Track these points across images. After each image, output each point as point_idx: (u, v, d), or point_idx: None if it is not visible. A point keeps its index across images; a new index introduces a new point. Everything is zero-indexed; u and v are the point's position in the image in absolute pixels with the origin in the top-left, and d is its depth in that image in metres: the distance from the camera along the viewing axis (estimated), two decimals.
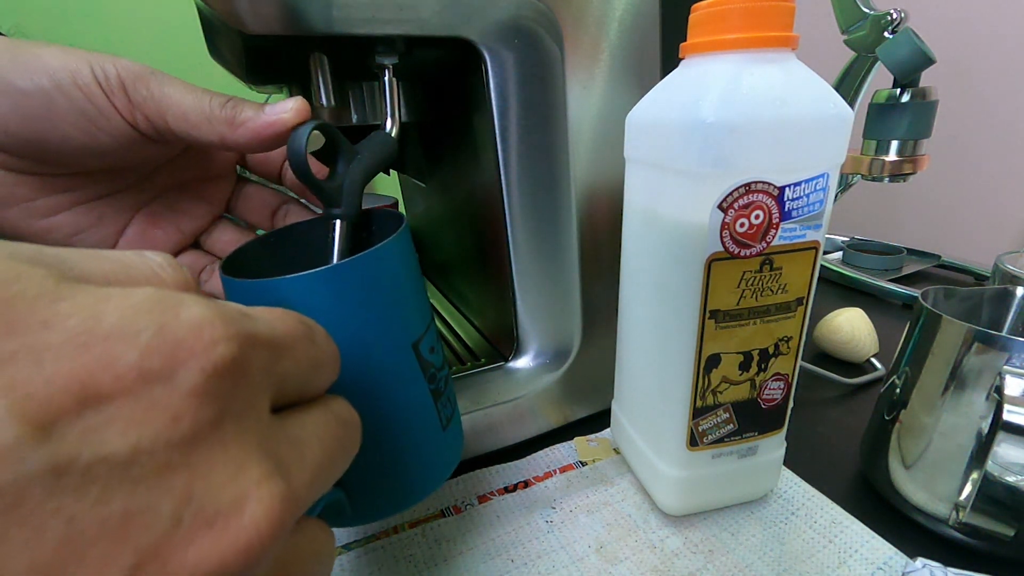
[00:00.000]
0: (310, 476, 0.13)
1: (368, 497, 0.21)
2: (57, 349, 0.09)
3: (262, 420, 0.12)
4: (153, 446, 0.10)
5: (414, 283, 0.22)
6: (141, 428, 0.10)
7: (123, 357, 0.10)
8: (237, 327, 0.11)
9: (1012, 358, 0.23)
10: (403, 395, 0.21)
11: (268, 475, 0.11)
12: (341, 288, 0.18)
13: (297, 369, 0.14)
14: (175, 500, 0.10)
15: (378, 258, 0.19)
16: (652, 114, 0.24)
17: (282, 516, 0.11)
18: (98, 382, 0.09)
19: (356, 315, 0.19)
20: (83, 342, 0.09)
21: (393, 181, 0.62)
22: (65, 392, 0.09)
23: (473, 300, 0.44)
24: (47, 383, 0.09)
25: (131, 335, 0.10)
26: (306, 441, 0.13)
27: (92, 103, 0.20)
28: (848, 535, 0.27)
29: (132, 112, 0.21)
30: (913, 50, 0.44)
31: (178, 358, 0.10)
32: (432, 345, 0.22)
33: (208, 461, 0.10)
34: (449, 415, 0.24)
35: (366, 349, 0.19)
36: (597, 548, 0.27)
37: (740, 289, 0.23)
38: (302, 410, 0.14)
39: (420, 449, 0.22)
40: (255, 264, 0.22)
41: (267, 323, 0.13)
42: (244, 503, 0.11)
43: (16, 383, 0.09)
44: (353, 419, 0.16)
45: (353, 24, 0.24)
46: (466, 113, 0.33)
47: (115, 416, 0.09)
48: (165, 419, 0.10)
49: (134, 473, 0.09)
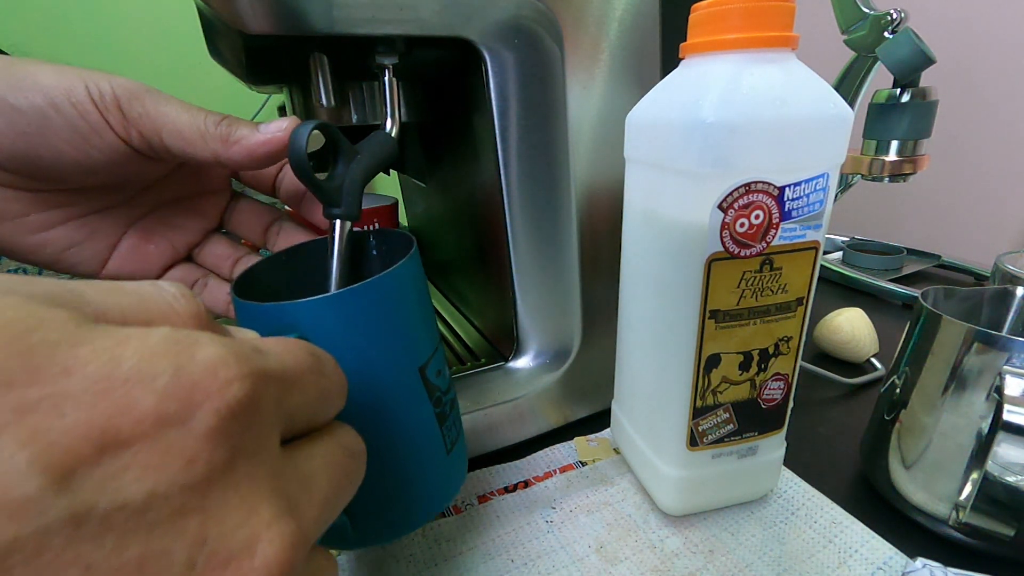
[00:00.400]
0: (318, 511, 0.13)
1: (371, 522, 0.21)
2: (77, 397, 0.09)
3: (273, 457, 0.12)
4: (168, 491, 0.10)
5: (423, 307, 0.22)
6: (157, 473, 0.10)
7: (141, 402, 0.10)
8: (250, 366, 0.11)
9: (1012, 358, 0.23)
10: (408, 419, 0.21)
11: (279, 515, 0.11)
12: (351, 312, 0.19)
13: (306, 401, 0.14)
14: (189, 544, 0.10)
15: (388, 283, 0.19)
16: (652, 114, 0.24)
17: (292, 556, 0.11)
18: (117, 428, 0.09)
19: (364, 339, 0.19)
20: (103, 388, 0.09)
21: (393, 181, 0.62)
22: (85, 440, 0.09)
23: (473, 300, 0.44)
24: (68, 432, 0.09)
25: (148, 379, 0.10)
26: (314, 475, 0.14)
27: (85, 120, 0.20)
28: (848, 535, 0.27)
29: (127, 129, 0.21)
30: (913, 50, 0.44)
31: (194, 400, 0.10)
32: (439, 369, 0.22)
33: (221, 503, 0.11)
34: (454, 439, 0.24)
35: (373, 372, 0.20)
36: (597, 548, 0.27)
37: (740, 289, 0.23)
38: (310, 441, 0.14)
39: (424, 473, 0.22)
40: (266, 283, 0.22)
41: (278, 357, 0.13)
42: (256, 545, 0.11)
43: (38, 433, 0.09)
44: (359, 448, 0.16)
45: (353, 24, 0.24)
46: (466, 113, 0.33)
47: (132, 462, 0.09)
48: (180, 463, 0.10)
49: (149, 518, 0.10)
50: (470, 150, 0.34)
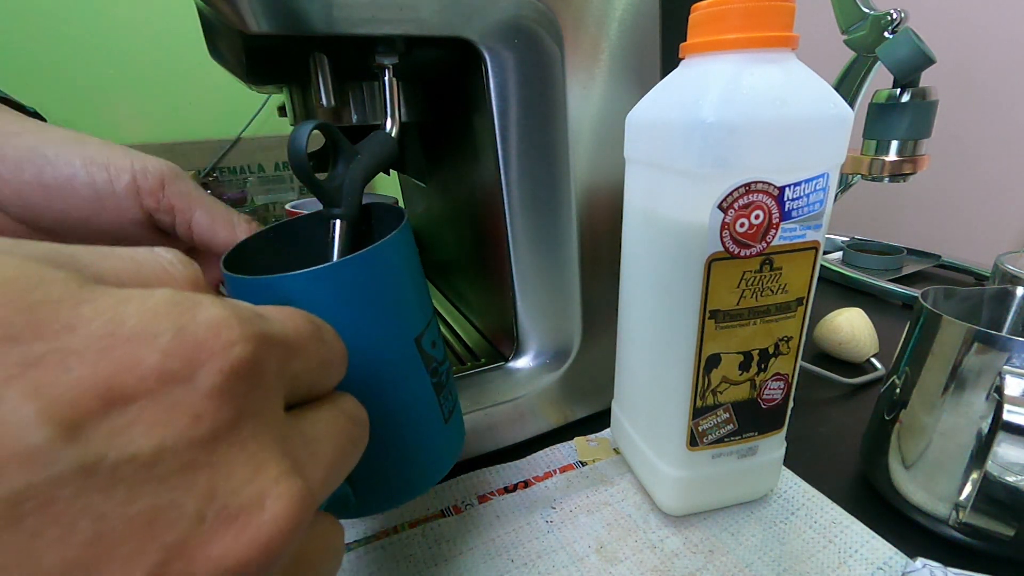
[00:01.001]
0: (324, 473, 0.13)
1: (372, 490, 0.22)
2: (81, 352, 0.09)
3: (278, 419, 0.12)
4: (176, 445, 0.10)
5: (415, 278, 0.22)
6: (164, 428, 0.10)
7: (145, 359, 0.10)
8: (252, 328, 0.11)
9: (1012, 358, 0.23)
10: (406, 389, 0.21)
11: (286, 473, 0.11)
12: (344, 285, 0.19)
13: (308, 368, 0.14)
14: (198, 498, 0.10)
15: (380, 254, 0.19)
16: (652, 114, 0.24)
17: (300, 512, 0.11)
18: (122, 384, 0.09)
19: (359, 311, 0.19)
20: (106, 345, 0.10)
21: (393, 181, 0.62)
22: (91, 394, 0.09)
23: (473, 300, 0.44)
24: (74, 386, 0.09)
25: (151, 337, 0.10)
26: (319, 439, 0.14)
27: (112, 187, 0.22)
28: (848, 535, 0.27)
29: (158, 203, 0.23)
30: (913, 50, 0.44)
31: (197, 359, 0.10)
32: (434, 339, 0.22)
33: (229, 459, 0.11)
34: (451, 408, 0.24)
35: (369, 344, 0.20)
36: (597, 548, 0.27)
37: (740, 289, 0.23)
38: (313, 408, 0.14)
39: (423, 442, 0.23)
40: (256, 259, 0.22)
41: (279, 323, 0.13)
42: (264, 500, 0.11)
43: (44, 386, 0.09)
44: (362, 416, 0.16)
45: (353, 24, 0.24)
46: (466, 113, 0.33)
47: (139, 417, 0.10)
48: (187, 419, 0.10)
49: (159, 472, 0.10)
50: (470, 150, 0.34)
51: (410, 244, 0.22)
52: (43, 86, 0.71)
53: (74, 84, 0.73)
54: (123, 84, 0.75)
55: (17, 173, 0.21)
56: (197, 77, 0.76)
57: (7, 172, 0.21)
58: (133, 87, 0.76)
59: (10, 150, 0.21)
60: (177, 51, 0.75)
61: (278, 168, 0.85)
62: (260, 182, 0.84)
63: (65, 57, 0.72)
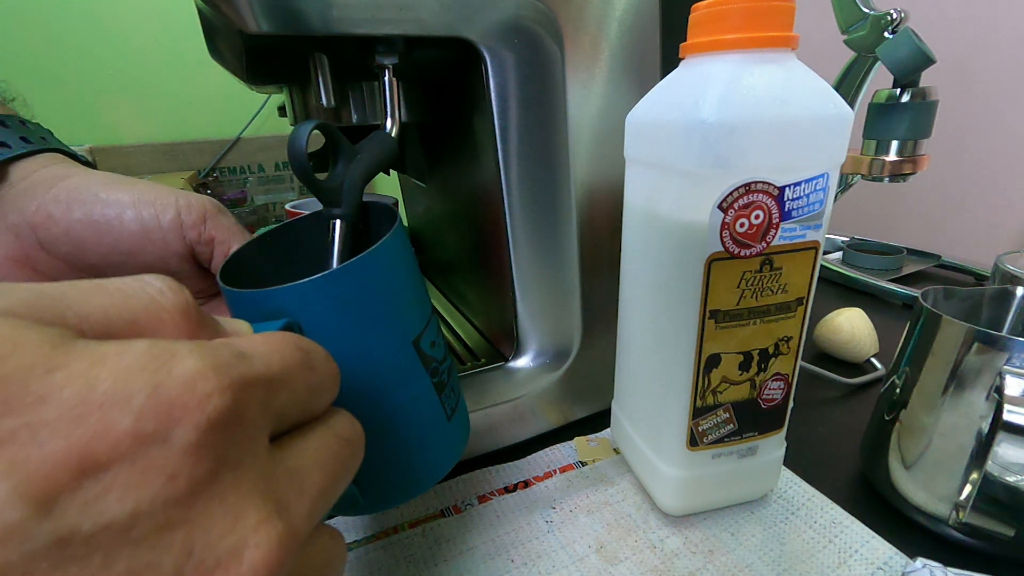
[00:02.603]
0: (310, 505, 0.13)
1: (379, 489, 0.22)
2: (53, 424, 0.09)
3: (260, 461, 0.12)
4: (151, 507, 0.10)
5: (411, 280, 0.22)
6: (139, 491, 0.10)
7: (118, 424, 0.10)
8: (231, 375, 0.11)
9: (1012, 358, 0.23)
10: (407, 391, 0.21)
11: (266, 518, 0.12)
12: (339, 293, 0.18)
13: (295, 398, 0.14)
14: (175, 556, 0.10)
15: (375, 260, 0.19)
16: (652, 114, 0.24)
17: (280, 556, 0.12)
18: (95, 452, 0.10)
19: (355, 318, 0.19)
20: (79, 414, 0.10)
21: (393, 181, 0.62)
22: (64, 467, 0.09)
23: (473, 300, 0.44)
24: (46, 460, 0.09)
25: (124, 399, 0.10)
26: (306, 469, 0.14)
27: (159, 222, 0.23)
28: (848, 535, 0.27)
29: (199, 235, 0.24)
30: (913, 50, 0.44)
31: (172, 417, 0.10)
32: (433, 339, 0.22)
33: (207, 514, 0.11)
34: (454, 405, 0.24)
35: (367, 350, 0.20)
36: (597, 548, 0.27)
37: (740, 289, 0.23)
38: (302, 434, 0.15)
39: (427, 441, 0.23)
40: (254, 266, 0.22)
41: (263, 359, 0.13)
42: (243, 550, 0.11)
43: (17, 463, 0.09)
44: (355, 434, 0.16)
45: (353, 24, 0.24)
46: (466, 113, 0.33)
47: (113, 483, 0.10)
48: (162, 479, 0.10)
49: (135, 535, 0.10)
50: (470, 150, 0.34)
51: (404, 246, 0.22)
52: (43, 86, 0.71)
53: (74, 84, 0.73)
54: (123, 84, 0.75)
55: (68, 212, 0.22)
56: (197, 77, 0.76)
57: (59, 212, 0.22)
58: (133, 87, 0.76)
59: (63, 192, 0.22)
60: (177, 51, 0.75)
61: (278, 168, 0.85)
62: (260, 182, 0.84)
63: (65, 57, 0.72)
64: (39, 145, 0.24)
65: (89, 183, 0.23)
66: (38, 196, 0.22)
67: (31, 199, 0.22)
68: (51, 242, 0.23)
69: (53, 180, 0.23)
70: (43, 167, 0.23)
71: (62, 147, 0.25)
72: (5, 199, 0.22)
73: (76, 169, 0.24)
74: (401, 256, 0.21)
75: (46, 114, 0.27)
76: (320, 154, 0.30)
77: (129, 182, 0.24)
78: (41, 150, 0.24)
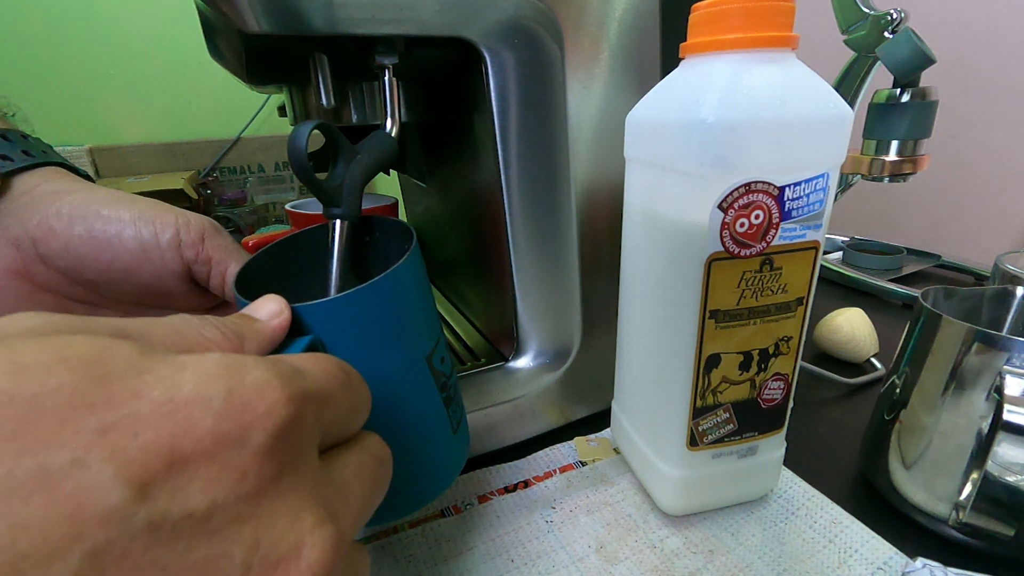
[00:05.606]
0: (354, 515, 0.15)
1: (387, 503, 0.22)
2: (147, 418, 0.11)
3: (313, 469, 0.13)
4: (227, 501, 0.11)
5: (426, 299, 0.22)
6: (216, 485, 0.11)
7: (201, 422, 0.11)
8: (293, 387, 0.13)
9: (1012, 358, 0.23)
10: (418, 406, 0.22)
11: (321, 521, 0.13)
12: (362, 311, 0.19)
13: (339, 415, 0.15)
14: (245, 548, 0.11)
15: (397, 279, 0.20)
16: (652, 114, 0.24)
17: (333, 557, 0.13)
18: (182, 446, 0.11)
19: (375, 336, 0.19)
20: (168, 411, 0.11)
21: (393, 181, 0.62)
22: (157, 456, 0.10)
23: (473, 300, 0.44)
24: (143, 449, 0.10)
25: (205, 401, 0.11)
26: (349, 483, 0.15)
27: (157, 240, 0.23)
28: (848, 535, 0.27)
29: (197, 255, 0.24)
30: (913, 50, 0.44)
31: (246, 420, 0.12)
32: (443, 355, 0.23)
33: (271, 512, 0.12)
34: (459, 419, 0.24)
35: (386, 367, 0.20)
36: (597, 548, 0.27)
37: (740, 289, 0.23)
38: (343, 452, 0.15)
39: (435, 454, 0.23)
40: (267, 277, 0.23)
41: (314, 377, 0.14)
42: (302, 548, 0.12)
43: (119, 450, 0.10)
44: (386, 455, 0.17)
45: (353, 24, 0.24)
46: (466, 113, 0.33)
47: (195, 475, 0.11)
48: (235, 476, 0.11)
49: (212, 525, 0.11)
50: (470, 150, 0.34)
51: (420, 264, 0.22)
52: (43, 86, 0.71)
53: (74, 84, 0.73)
54: (123, 84, 0.75)
55: (69, 227, 0.22)
56: (197, 77, 0.76)
57: (60, 227, 0.22)
58: (133, 87, 0.76)
59: (65, 207, 0.23)
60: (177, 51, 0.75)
61: (278, 168, 0.85)
62: (260, 182, 0.84)
63: (65, 57, 0.72)
64: (41, 159, 0.24)
65: (92, 199, 0.23)
66: (40, 209, 0.22)
67: (33, 212, 0.22)
68: (51, 256, 0.23)
69: (56, 195, 0.23)
70: (45, 181, 0.23)
71: (64, 161, 0.25)
72: (7, 211, 0.23)
73: (79, 184, 0.24)
74: (418, 274, 0.22)
75: (46, 114, 0.27)
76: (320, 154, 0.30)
77: (131, 200, 0.24)
78: (43, 163, 0.24)
